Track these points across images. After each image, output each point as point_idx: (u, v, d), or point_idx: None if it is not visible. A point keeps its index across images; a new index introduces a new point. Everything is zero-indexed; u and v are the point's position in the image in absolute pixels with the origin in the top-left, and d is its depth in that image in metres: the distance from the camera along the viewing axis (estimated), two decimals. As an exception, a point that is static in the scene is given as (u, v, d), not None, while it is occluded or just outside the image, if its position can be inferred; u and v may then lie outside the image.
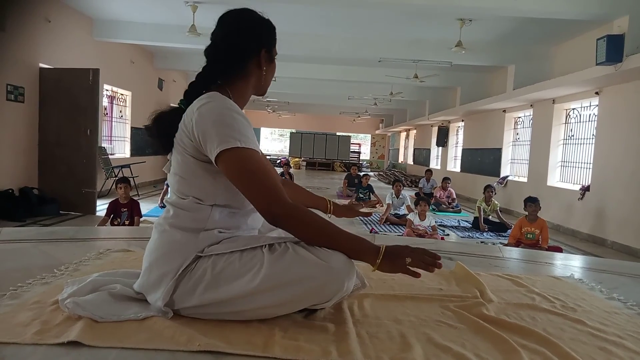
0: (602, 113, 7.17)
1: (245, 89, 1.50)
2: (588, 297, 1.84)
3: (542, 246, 5.35)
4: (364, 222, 7.19)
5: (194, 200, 1.38)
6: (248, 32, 1.45)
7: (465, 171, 12.86)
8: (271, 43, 1.50)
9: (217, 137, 1.28)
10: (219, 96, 1.37)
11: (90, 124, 6.78)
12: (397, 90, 13.54)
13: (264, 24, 1.50)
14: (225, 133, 1.28)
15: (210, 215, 1.38)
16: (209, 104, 1.33)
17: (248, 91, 1.51)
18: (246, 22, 1.47)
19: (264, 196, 1.28)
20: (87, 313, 1.29)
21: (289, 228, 1.31)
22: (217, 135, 1.28)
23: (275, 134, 31.35)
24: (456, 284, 1.90)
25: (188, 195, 1.39)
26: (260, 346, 1.20)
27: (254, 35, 1.46)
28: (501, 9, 5.97)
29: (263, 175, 1.29)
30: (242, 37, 1.45)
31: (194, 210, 1.38)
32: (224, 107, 1.33)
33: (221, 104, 1.34)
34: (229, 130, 1.29)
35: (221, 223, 1.39)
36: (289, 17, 7.69)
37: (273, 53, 1.52)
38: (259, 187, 1.28)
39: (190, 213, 1.37)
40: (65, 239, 2.43)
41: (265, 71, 1.51)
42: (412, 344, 1.27)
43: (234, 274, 1.30)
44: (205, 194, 1.38)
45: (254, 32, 1.46)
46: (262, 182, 1.29)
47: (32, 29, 6.68)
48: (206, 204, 1.38)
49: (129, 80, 10.24)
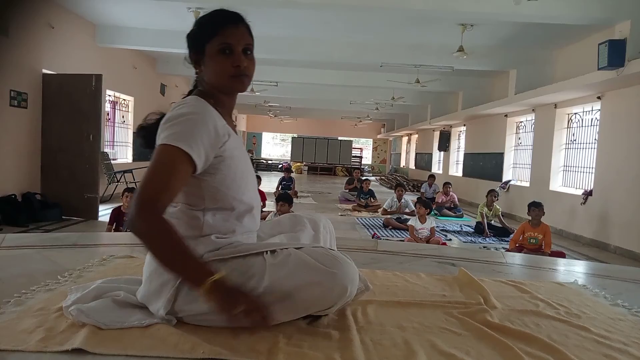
0: (604, 117, 7.16)
1: (210, 88, 1.43)
2: (592, 304, 1.83)
3: (545, 251, 5.33)
4: (367, 226, 7.19)
5: (184, 207, 1.38)
6: (190, 37, 1.44)
7: (468, 176, 12.84)
8: (205, 39, 1.39)
9: (160, 139, 1.29)
10: (188, 100, 1.37)
11: (93, 129, 6.80)
12: (399, 95, 13.55)
13: (200, 22, 1.43)
14: (166, 134, 1.28)
15: (204, 220, 1.37)
16: (172, 110, 1.34)
17: (214, 90, 1.43)
18: (193, 27, 1.44)
19: (143, 190, 1.22)
20: (91, 320, 1.29)
21: (136, 233, 1.22)
22: (162, 136, 1.29)
23: (277, 138, 31.38)
24: (460, 290, 1.90)
25: (178, 203, 1.39)
26: (264, 353, 1.20)
27: (193, 37, 1.43)
28: (502, 14, 5.97)
29: (161, 173, 1.25)
30: (189, 41, 1.44)
31: (187, 218, 1.37)
32: (180, 111, 1.32)
33: (181, 108, 1.33)
34: (171, 130, 1.28)
35: (216, 228, 1.39)
36: (291, 22, 7.71)
37: (214, 46, 1.38)
38: (147, 180, 1.24)
39: (184, 221, 1.37)
40: (68, 245, 2.44)
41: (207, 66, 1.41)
42: (416, 351, 1.27)
43: (237, 281, 1.30)
44: (194, 198, 1.37)
45: (193, 36, 1.43)
46: (152, 178, 1.24)
47: (35, 35, 6.71)
48: (197, 209, 1.37)
49: (131, 85, 10.28)
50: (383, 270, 2.17)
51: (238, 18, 1.42)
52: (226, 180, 1.38)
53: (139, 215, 1.20)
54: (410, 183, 15.59)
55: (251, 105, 19.88)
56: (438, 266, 2.37)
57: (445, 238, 6.57)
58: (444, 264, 2.42)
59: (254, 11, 1.42)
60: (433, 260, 2.48)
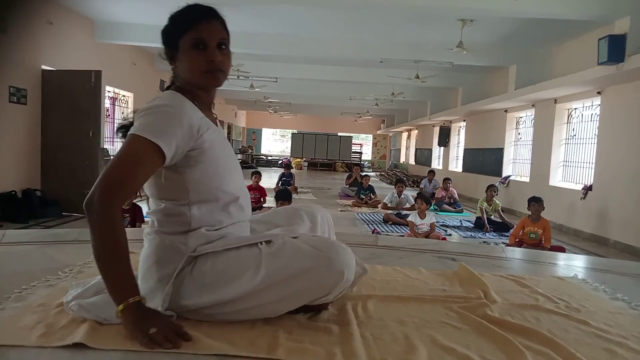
0: (604, 113, 7.15)
1: (186, 83, 1.43)
2: (592, 298, 1.83)
3: (544, 246, 5.34)
4: (367, 221, 7.20)
5: (169, 203, 1.37)
6: (164, 33, 1.44)
7: (467, 171, 12.84)
8: (179, 34, 1.40)
9: (131, 129, 1.29)
10: (163, 94, 1.37)
11: (93, 126, 6.79)
12: (399, 90, 13.52)
13: (174, 17, 1.43)
14: (137, 124, 1.28)
15: (191, 214, 1.36)
16: (147, 103, 1.34)
17: (189, 86, 1.42)
18: (166, 23, 1.44)
19: (106, 177, 1.22)
20: (92, 315, 1.30)
21: (89, 224, 1.22)
22: (133, 126, 1.29)
23: (277, 134, 31.36)
24: (460, 285, 1.90)
25: (163, 199, 1.38)
26: (264, 348, 1.20)
27: (167, 33, 1.43)
28: (502, 10, 5.95)
29: (126, 163, 1.25)
30: (163, 37, 1.44)
31: (174, 214, 1.37)
32: (153, 103, 1.33)
33: (154, 101, 1.33)
34: (142, 120, 1.28)
35: (204, 220, 1.38)
36: (291, 19, 7.68)
37: (187, 41, 1.38)
38: (111, 169, 1.23)
39: (172, 217, 1.37)
40: (68, 241, 2.44)
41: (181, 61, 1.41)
42: (416, 346, 1.27)
43: (233, 274, 1.31)
44: (178, 193, 1.36)
45: (167, 31, 1.43)
46: (117, 168, 1.24)
47: (34, 32, 6.69)
48: (182, 203, 1.36)
49: (130, 81, 10.26)
50: (383, 265, 2.17)
51: (212, 12, 1.40)
52: (208, 171, 1.37)
53: (98, 202, 1.20)
54: (410, 179, 15.59)
55: (251, 101, 19.86)
56: (438, 261, 2.37)
57: (445, 233, 6.58)
58: (444, 258, 2.43)
59: (252, 8, 1.41)
60: (433, 255, 2.49)
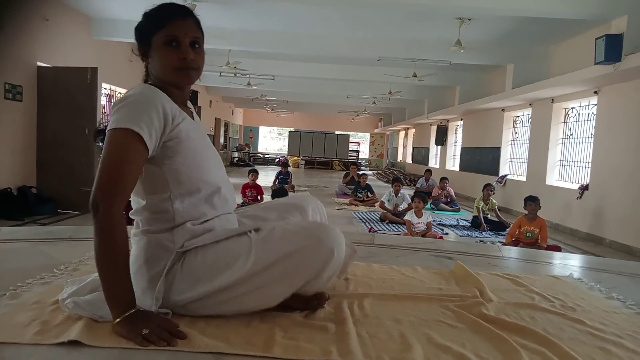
0: (600, 112, 7.17)
1: (158, 81, 1.42)
2: (587, 297, 1.84)
3: (541, 245, 5.36)
4: (363, 220, 7.20)
5: (151, 198, 1.36)
6: (137, 29, 1.45)
7: (464, 170, 12.87)
8: (152, 31, 1.39)
9: (109, 125, 1.29)
10: (135, 87, 1.36)
11: (89, 123, 6.75)
12: (396, 89, 13.53)
13: (148, 14, 1.43)
14: (114, 118, 1.28)
15: (174, 208, 1.36)
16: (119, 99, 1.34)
17: (162, 83, 1.41)
18: (141, 20, 1.45)
19: (97, 185, 1.23)
20: (88, 313, 1.30)
21: (94, 227, 1.23)
22: (110, 122, 1.28)
23: (274, 132, 31.30)
24: (456, 283, 1.90)
25: (144, 195, 1.37)
26: (260, 346, 1.20)
27: (140, 30, 1.44)
28: (500, 8, 5.96)
29: (115, 162, 1.25)
30: (136, 33, 1.45)
31: (157, 211, 1.36)
32: (125, 95, 1.32)
33: (126, 93, 1.33)
34: (118, 114, 1.28)
35: (188, 214, 1.38)
36: (289, 16, 7.66)
37: (160, 38, 1.38)
38: (99, 173, 1.23)
39: (155, 215, 1.37)
40: (63, 238, 2.43)
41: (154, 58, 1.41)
42: (412, 344, 1.27)
43: (225, 263, 1.32)
44: (158, 186, 1.36)
45: (140, 28, 1.44)
46: (107, 169, 1.24)
47: (30, 28, 6.65)
48: (164, 197, 1.35)
49: (127, 78, 10.20)
50: (380, 263, 2.17)
51: (186, 11, 1.41)
52: (186, 160, 1.37)
53: (96, 209, 1.21)
54: (407, 177, 15.61)
55: (248, 99, 19.82)
56: (434, 260, 2.38)
57: (442, 232, 6.59)
58: (441, 257, 2.43)
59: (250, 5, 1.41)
60: (429, 254, 2.49)
